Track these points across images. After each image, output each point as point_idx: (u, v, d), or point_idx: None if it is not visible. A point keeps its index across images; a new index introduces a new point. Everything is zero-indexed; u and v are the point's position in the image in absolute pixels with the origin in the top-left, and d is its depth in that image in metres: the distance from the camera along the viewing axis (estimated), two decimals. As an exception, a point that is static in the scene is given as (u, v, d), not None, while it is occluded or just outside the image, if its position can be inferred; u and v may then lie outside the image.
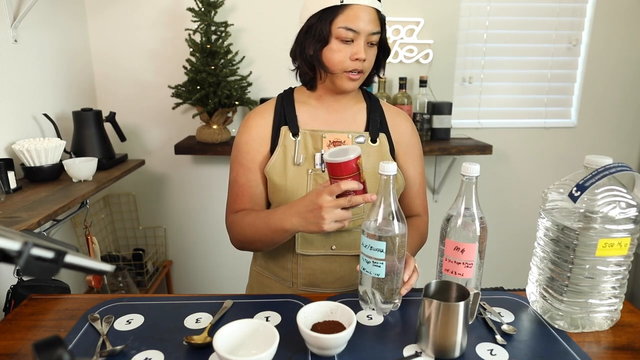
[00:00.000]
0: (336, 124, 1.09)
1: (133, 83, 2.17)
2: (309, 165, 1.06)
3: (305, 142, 1.07)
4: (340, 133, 1.07)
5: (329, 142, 1.06)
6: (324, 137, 1.06)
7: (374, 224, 0.86)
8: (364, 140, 1.08)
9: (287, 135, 1.07)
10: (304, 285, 1.10)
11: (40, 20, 1.72)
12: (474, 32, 2.20)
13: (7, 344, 0.82)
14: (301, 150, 1.06)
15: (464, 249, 0.85)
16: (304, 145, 1.06)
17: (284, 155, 1.06)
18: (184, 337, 0.82)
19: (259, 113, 1.11)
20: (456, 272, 0.87)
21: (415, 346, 0.80)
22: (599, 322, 0.86)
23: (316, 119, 1.10)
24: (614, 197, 0.80)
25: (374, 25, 0.98)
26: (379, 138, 1.08)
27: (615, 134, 2.38)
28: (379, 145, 1.08)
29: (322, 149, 1.06)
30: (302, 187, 1.05)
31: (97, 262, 0.56)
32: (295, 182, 1.05)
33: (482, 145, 2.09)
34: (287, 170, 1.05)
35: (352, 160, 0.84)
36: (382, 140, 1.09)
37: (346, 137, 1.07)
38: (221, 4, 1.95)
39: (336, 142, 1.07)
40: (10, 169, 1.39)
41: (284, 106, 1.10)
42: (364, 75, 1.03)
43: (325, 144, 1.06)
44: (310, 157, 1.06)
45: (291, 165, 1.05)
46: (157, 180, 2.31)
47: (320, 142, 1.06)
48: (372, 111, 1.11)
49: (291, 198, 1.03)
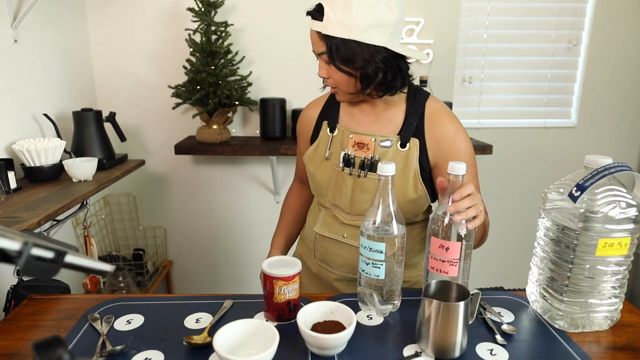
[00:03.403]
0: (369, 125, 1.11)
1: (133, 83, 2.17)
2: (336, 161, 1.12)
3: (339, 138, 1.13)
4: (365, 135, 1.09)
5: (353, 142, 1.10)
6: (350, 137, 1.11)
7: (373, 225, 0.86)
8: (391, 144, 1.07)
9: (325, 130, 1.15)
10: (318, 260, 1.20)
11: (40, 20, 1.72)
12: (474, 32, 2.20)
13: (7, 344, 0.82)
14: (334, 145, 1.13)
15: (448, 247, 0.85)
16: (338, 141, 1.13)
17: (318, 147, 1.16)
18: (184, 337, 0.82)
19: (312, 104, 1.23)
20: (441, 270, 0.87)
21: (415, 346, 0.80)
22: (599, 322, 0.86)
23: (353, 118, 1.13)
24: (614, 197, 0.80)
25: (316, 46, 1.00)
26: (409, 143, 1.06)
27: (615, 134, 2.38)
28: (407, 151, 1.06)
29: (347, 149, 1.10)
30: (327, 181, 1.14)
31: (97, 262, 0.56)
32: (323, 175, 1.14)
33: (482, 145, 2.08)
34: (318, 162, 1.15)
35: (274, 277, 0.86)
36: (412, 145, 1.06)
37: (370, 139, 1.08)
38: (221, 4, 1.95)
39: (360, 143, 1.09)
40: (10, 169, 1.39)
41: (331, 101, 1.17)
42: (341, 90, 1.05)
43: (350, 143, 1.10)
44: (338, 154, 1.12)
45: (322, 158, 1.14)
46: (157, 180, 2.31)
47: (347, 141, 1.11)
48: (410, 114, 1.08)
49: (319, 187, 1.16)
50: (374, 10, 0.94)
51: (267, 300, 0.88)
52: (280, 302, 0.86)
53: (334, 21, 0.95)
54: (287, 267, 0.87)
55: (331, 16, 0.94)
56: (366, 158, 1.07)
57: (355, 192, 1.09)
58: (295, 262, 0.89)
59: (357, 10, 0.93)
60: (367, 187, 1.07)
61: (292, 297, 0.87)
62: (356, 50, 0.96)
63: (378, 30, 0.96)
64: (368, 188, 1.07)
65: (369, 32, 0.95)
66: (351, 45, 0.96)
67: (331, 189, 1.13)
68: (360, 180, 1.08)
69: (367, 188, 1.07)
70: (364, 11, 0.93)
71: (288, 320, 0.88)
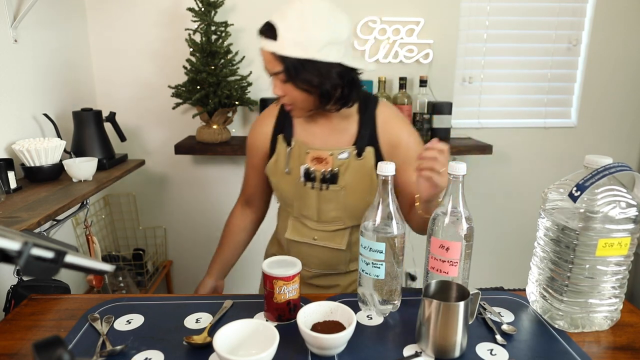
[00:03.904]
0: (326, 138, 1.12)
1: (133, 83, 2.16)
2: (297, 175, 1.13)
3: (296, 152, 1.13)
4: (322, 150, 1.11)
5: (312, 157, 1.12)
6: (308, 153, 1.12)
7: (373, 225, 0.86)
8: (348, 155, 1.09)
9: (282, 144, 1.15)
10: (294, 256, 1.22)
11: (40, 20, 1.72)
12: (474, 32, 2.20)
13: (7, 344, 0.82)
14: (293, 159, 1.14)
15: (448, 247, 0.85)
16: (296, 155, 1.13)
17: (277, 161, 1.16)
18: (184, 337, 0.82)
19: (264, 118, 1.21)
20: (441, 270, 0.87)
21: (415, 346, 0.80)
22: (599, 322, 0.86)
23: (308, 131, 1.14)
24: (614, 197, 0.80)
25: (271, 66, 1.00)
26: (365, 152, 1.09)
27: (615, 134, 2.37)
28: (364, 159, 1.09)
29: (306, 163, 1.12)
30: (292, 193, 1.15)
31: (97, 262, 0.56)
32: (286, 187, 1.16)
33: (482, 145, 2.08)
34: (280, 175, 1.16)
35: (274, 277, 0.86)
36: (367, 154, 1.09)
37: (327, 154, 1.10)
38: (221, 4, 1.95)
39: (318, 157, 1.11)
40: (10, 169, 1.39)
41: (284, 113, 1.16)
42: (296, 106, 1.05)
43: (309, 159, 1.12)
44: (298, 168, 1.12)
45: (283, 172, 1.15)
46: (157, 180, 2.31)
47: (305, 156, 1.12)
48: (363, 125, 1.10)
49: (284, 199, 1.19)
50: (329, 27, 0.94)
51: (267, 300, 0.88)
52: (280, 302, 0.86)
53: (290, 40, 0.94)
54: (287, 267, 0.87)
55: (286, 35, 0.94)
56: (326, 171, 1.10)
57: (321, 204, 1.13)
58: (295, 262, 0.89)
59: (312, 29, 0.93)
60: (330, 198, 1.11)
61: (292, 297, 0.87)
62: (313, 69, 0.96)
63: (334, 47, 0.96)
64: (331, 199, 1.11)
65: (325, 50, 0.95)
66: (308, 64, 0.95)
67: (297, 200, 1.16)
68: (323, 193, 1.12)
69: (331, 199, 1.11)
70: (319, 29, 0.93)
71: (288, 320, 0.88)
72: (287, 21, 0.94)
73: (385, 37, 2.14)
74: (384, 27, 2.12)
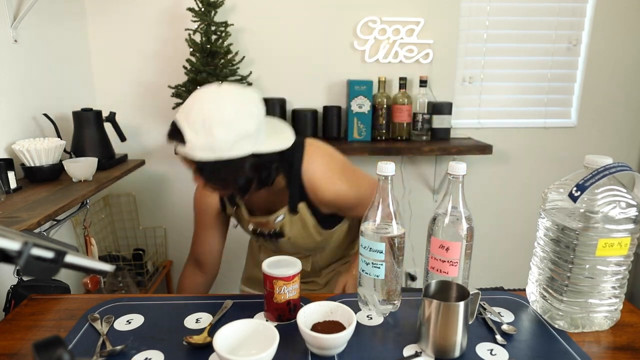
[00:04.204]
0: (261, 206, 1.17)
1: (133, 83, 2.16)
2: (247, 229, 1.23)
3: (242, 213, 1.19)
4: (259, 218, 1.17)
5: (253, 222, 1.19)
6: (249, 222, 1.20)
7: (373, 225, 0.86)
8: (284, 217, 1.13)
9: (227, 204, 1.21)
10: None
11: (40, 20, 1.72)
12: (474, 32, 2.20)
13: (7, 344, 0.82)
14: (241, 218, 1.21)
15: (448, 247, 0.85)
16: (243, 215, 1.19)
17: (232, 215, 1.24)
18: (184, 337, 0.82)
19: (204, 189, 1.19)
20: (441, 270, 0.87)
21: (415, 346, 0.80)
22: (599, 322, 0.86)
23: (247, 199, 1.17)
24: (614, 197, 0.80)
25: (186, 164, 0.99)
26: (298, 208, 1.12)
27: (615, 134, 2.37)
28: (300, 214, 1.12)
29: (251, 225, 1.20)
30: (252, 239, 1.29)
31: (97, 262, 0.56)
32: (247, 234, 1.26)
33: (482, 145, 2.08)
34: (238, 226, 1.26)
35: (275, 277, 0.86)
36: (301, 209, 1.12)
37: (264, 220, 1.15)
38: (221, 4, 1.94)
39: (259, 222, 1.17)
40: (10, 169, 1.39)
41: None
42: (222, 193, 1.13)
43: (250, 227, 1.21)
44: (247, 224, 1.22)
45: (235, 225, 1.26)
46: (157, 180, 2.30)
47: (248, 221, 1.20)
48: (291, 185, 1.10)
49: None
50: (235, 126, 0.92)
51: (267, 300, 0.88)
52: (280, 302, 0.86)
53: (198, 146, 0.92)
54: (287, 267, 0.87)
55: (194, 141, 0.92)
56: (269, 231, 1.17)
57: (277, 247, 1.22)
58: (295, 262, 0.89)
59: (218, 132, 0.90)
60: (282, 247, 1.20)
61: (292, 297, 0.87)
62: (226, 168, 0.95)
63: (243, 142, 0.94)
64: (284, 247, 1.20)
65: (235, 148, 0.93)
66: (220, 164, 0.94)
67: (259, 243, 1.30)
68: (274, 244, 1.20)
69: (283, 247, 1.20)
70: (225, 130, 0.91)
71: (288, 320, 0.88)
72: (192, 126, 0.92)
73: (385, 37, 2.14)
74: (384, 27, 2.12)
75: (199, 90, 0.97)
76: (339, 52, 2.17)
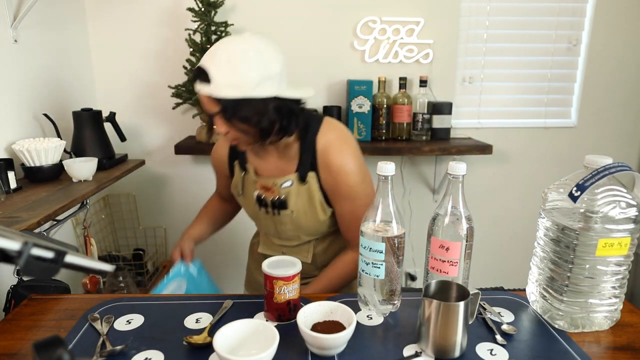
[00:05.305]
0: (272, 165, 1.16)
1: (133, 83, 2.16)
2: (252, 199, 1.20)
3: (250, 178, 1.19)
4: (267, 179, 1.16)
5: (260, 185, 1.17)
6: (256, 182, 1.18)
7: (373, 225, 0.86)
8: (291, 183, 1.12)
9: (237, 168, 1.22)
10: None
11: (40, 20, 1.72)
12: (474, 32, 2.20)
13: (7, 344, 0.82)
14: (247, 185, 1.21)
15: (448, 247, 0.85)
16: (250, 181, 1.19)
17: (237, 184, 1.24)
18: (184, 337, 0.82)
19: (220, 144, 1.28)
20: (441, 270, 0.87)
21: (415, 346, 0.80)
22: (599, 322, 0.86)
23: (258, 158, 1.19)
24: (614, 197, 0.80)
25: (209, 108, 1.01)
26: (307, 177, 1.11)
27: (615, 134, 2.37)
28: (308, 184, 1.11)
29: (257, 191, 1.18)
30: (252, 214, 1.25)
31: (97, 262, 0.56)
32: (247, 207, 1.25)
33: (482, 145, 2.08)
34: (240, 197, 1.25)
35: (275, 277, 0.86)
36: (310, 179, 1.11)
37: (271, 183, 1.14)
38: (221, 4, 1.95)
39: (265, 186, 1.16)
40: (10, 169, 1.39)
41: None
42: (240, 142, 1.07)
43: (259, 186, 1.18)
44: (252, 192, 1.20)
45: (240, 194, 1.24)
46: (157, 180, 2.31)
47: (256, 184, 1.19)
48: (304, 151, 1.11)
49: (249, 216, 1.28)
50: (259, 65, 0.95)
51: (267, 300, 0.88)
52: (280, 302, 0.86)
53: (223, 83, 0.95)
54: (287, 267, 0.87)
55: (219, 79, 0.94)
56: (274, 198, 1.15)
57: (277, 225, 1.19)
58: (295, 262, 0.90)
59: (243, 69, 0.94)
60: (283, 221, 1.18)
61: (292, 297, 0.87)
62: (250, 107, 0.97)
63: (267, 83, 0.97)
64: (285, 222, 1.17)
65: (259, 87, 0.96)
66: (244, 103, 0.96)
67: (257, 220, 1.26)
68: (275, 217, 1.17)
69: (284, 222, 1.17)
70: (250, 68, 0.94)
71: (288, 320, 0.88)
72: (217, 65, 0.95)
73: (385, 37, 2.14)
74: (384, 27, 2.12)
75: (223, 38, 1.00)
76: (339, 52, 2.17)
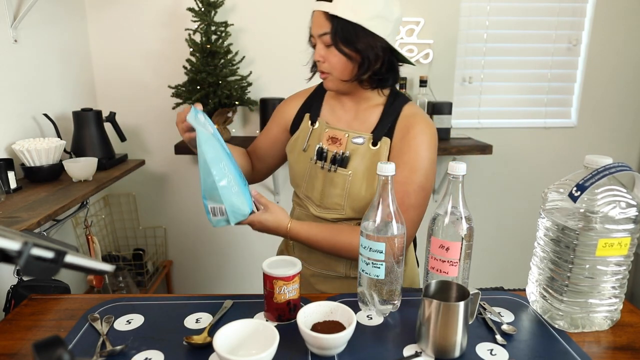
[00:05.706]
0: (347, 121, 1.14)
1: (133, 83, 2.17)
2: (312, 154, 1.15)
3: (317, 132, 1.15)
4: (339, 130, 1.13)
5: (328, 136, 1.13)
6: (326, 131, 1.14)
7: (373, 225, 0.86)
8: (363, 141, 1.09)
9: (306, 122, 1.18)
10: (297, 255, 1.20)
11: (40, 20, 1.72)
12: (474, 32, 2.20)
13: (7, 344, 0.82)
14: (313, 138, 1.15)
15: (448, 247, 0.85)
16: (317, 134, 1.15)
17: (298, 139, 1.18)
18: (184, 337, 0.82)
19: (296, 96, 1.25)
20: (441, 270, 0.87)
21: (415, 346, 0.80)
22: (599, 322, 0.86)
23: (334, 113, 1.17)
24: (614, 197, 0.80)
25: (319, 27, 1.01)
26: (380, 142, 1.08)
27: (615, 134, 2.37)
28: (378, 149, 1.08)
29: (321, 142, 1.13)
30: (303, 172, 1.17)
31: (98, 262, 0.56)
32: (300, 166, 1.17)
33: (482, 145, 2.08)
34: (297, 153, 1.18)
35: (273, 277, 0.85)
36: (382, 145, 1.08)
37: (343, 135, 1.11)
38: (221, 4, 1.95)
39: (334, 137, 1.12)
40: (10, 169, 1.39)
41: (315, 95, 1.21)
42: (333, 76, 1.05)
43: (325, 137, 1.13)
44: (314, 147, 1.14)
45: (300, 150, 1.17)
46: (157, 180, 2.31)
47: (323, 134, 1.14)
48: (385, 115, 1.10)
49: (295, 178, 1.20)
50: (382, 1, 0.98)
51: (267, 300, 0.88)
52: (280, 302, 0.86)
53: (343, 3, 0.97)
54: (287, 267, 0.87)
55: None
56: (337, 153, 1.10)
57: (326, 186, 1.13)
58: (295, 262, 0.90)
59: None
60: (336, 182, 1.10)
61: (292, 297, 0.87)
62: (360, 34, 0.99)
63: (382, 22, 0.99)
64: (337, 183, 1.10)
65: (374, 21, 0.98)
66: (356, 29, 0.98)
67: (306, 180, 1.17)
68: (330, 175, 1.11)
69: (337, 183, 1.10)
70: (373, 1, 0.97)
71: (288, 320, 0.88)
72: None
73: (385, 37, 2.14)
74: (384, 27, 2.12)
75: None
76: (339, 52, 2.17)
